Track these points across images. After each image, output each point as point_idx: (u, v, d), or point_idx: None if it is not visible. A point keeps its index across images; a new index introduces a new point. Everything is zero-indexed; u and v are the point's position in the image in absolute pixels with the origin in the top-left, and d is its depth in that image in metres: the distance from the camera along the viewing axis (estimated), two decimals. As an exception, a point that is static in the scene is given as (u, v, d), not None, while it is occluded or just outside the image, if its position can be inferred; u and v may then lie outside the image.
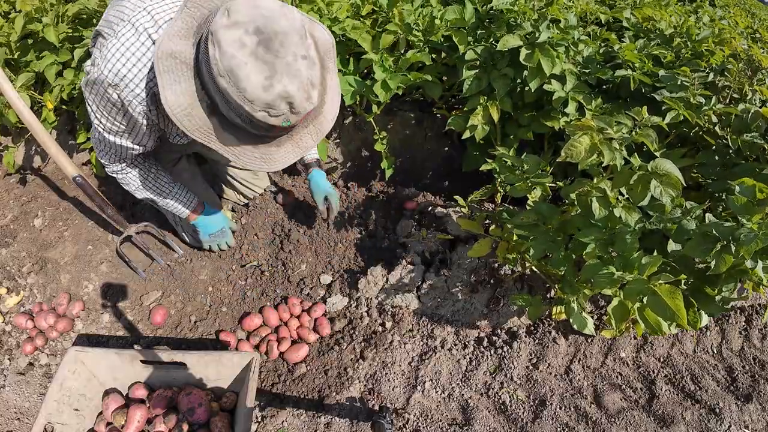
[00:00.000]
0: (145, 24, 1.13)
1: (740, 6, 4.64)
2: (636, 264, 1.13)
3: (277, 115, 0.98)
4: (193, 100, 1.03)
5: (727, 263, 1.07)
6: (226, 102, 1.01)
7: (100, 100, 1.20)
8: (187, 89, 1.03)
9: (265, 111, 0.97)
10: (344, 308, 1.87)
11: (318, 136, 1.16)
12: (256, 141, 1.09)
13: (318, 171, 1.88)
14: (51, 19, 1.85)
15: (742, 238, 1.05)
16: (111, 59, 1.12)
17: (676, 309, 1.03)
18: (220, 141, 1.07)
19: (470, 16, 1.92)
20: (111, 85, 1.15)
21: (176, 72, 1.03)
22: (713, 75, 1.83)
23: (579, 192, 1.43)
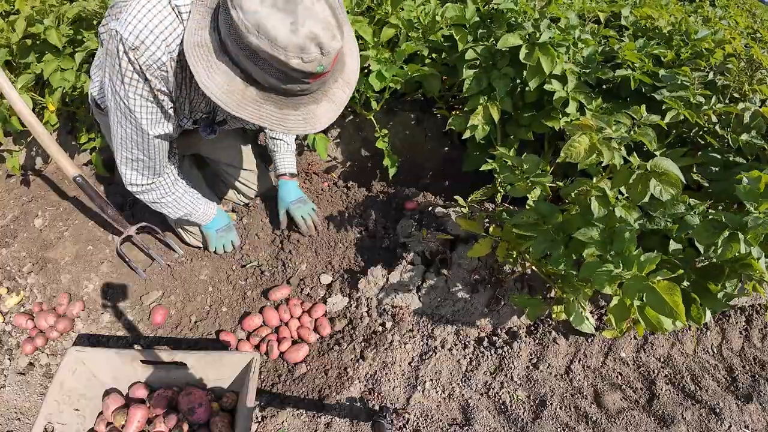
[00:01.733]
0: None
1: (740, 6, 4.64)
2: (635, 261, 1.13)
3: (309, 60, 1.00)
4: (228, 77, 1.07)
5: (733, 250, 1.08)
6: (259, 62, 1.03)
7: (120, 72, 1.19)
8: (219, 69, 1.07)
9: (299, 57, 0.99)
10: (344, 308, 1.87)
11: (348, 89, 1.19)
12: (295, 104, 1.12)
13: (285, 182, 1.93)
14: (52, 21, 1.85)
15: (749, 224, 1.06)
16: (132, 21, 1.12)
17: (674, 305, 1.03)
18: (262, 113, 1.10)
19: (471, 15, 1.92)
20: (131, 49, 1.14)
21: (206, 58, 1.07)
22: (713, 74, 1.83)
23: (578, 191, 1.43)
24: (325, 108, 1.16)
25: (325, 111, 1.17)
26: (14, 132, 2.02)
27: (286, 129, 1.13)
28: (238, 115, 1.10)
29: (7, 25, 1.84)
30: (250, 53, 1.02)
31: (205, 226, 1.88)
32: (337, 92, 1.18)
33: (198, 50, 1.07)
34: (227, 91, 1.07)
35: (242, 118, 1.14)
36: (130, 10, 1.12)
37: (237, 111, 1.08)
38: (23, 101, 1.71)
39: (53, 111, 1.94)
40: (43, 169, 2.32)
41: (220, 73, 1.07)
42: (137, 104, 1.27)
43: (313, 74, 1.05)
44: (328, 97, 1.16)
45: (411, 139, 2.46)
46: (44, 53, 1.92)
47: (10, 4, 2.02)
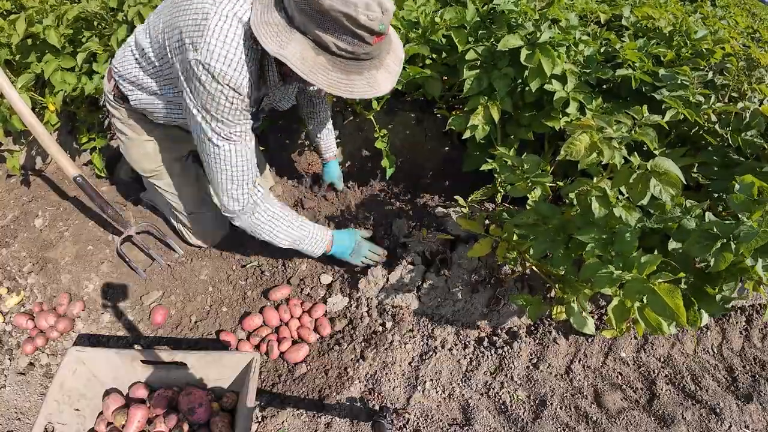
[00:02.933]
0: (228, 8, 1.24)
1: (740, 6, 4.64)
2: (635, 263, 1.13)
3: (373, 17, 1.12)
4: (301, 46, 1.17)
5: (726, 261, 1.07)
6: (329, 25, 1.13)
7: (213, 100, 1.30)
8: (291, 40, 1.17)
9: (365, 14, 1.11)
10: (344, 308, 1.87)
11: (399, 62, 1.34)
12: (359, 69, 1.22)
13: (333, 161, 2.17)
14: (52, 21, 1.85)
15: (742, 236, 1.05)
16: (215, 50, 1.23)
17: (675, 308, 1.03)
18: (331, 79, 1.20)
19: (472, 16, 1.92)
20: (220, 75, 1.25)
21: (276, 34, 1.18)
22: (712, 74, 1.83)
23: (579, 191, 1.43)
24: (384, 75, 1.28)
25: (384, 78, 1.28)
26: (14, 132, 2.02)
27: (352, 93, 1.23)
28: (309, 80, 1.18)
29: (8, 25, 1.84)
30: (321, 17, 1.12)
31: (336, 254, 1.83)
32: (391, 63, 1.30)
33: (267, 28, 1.18)
34: (300, 58, 1.17)
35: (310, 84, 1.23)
36: (207, 38, 1.23)
37: (309, 77, 1.18)
38: (23, 101, 1.71)
39: (53, 111, 1.94)
40: (44, 169, 2.32)
41: (293, 43, 1.17)
42: (235, 119, 1.36)
43: (375, 32, 1.15)
44: (385, 66, 1.28)
45: (411, 139, 2.46)
46: (45, 53, 1.92)
47: (12, 1, 2.02)
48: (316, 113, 1.99)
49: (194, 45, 1.26)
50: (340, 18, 1.11)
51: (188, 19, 1.28)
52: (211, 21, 1.23)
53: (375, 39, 1.18)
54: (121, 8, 1.98)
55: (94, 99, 2.10)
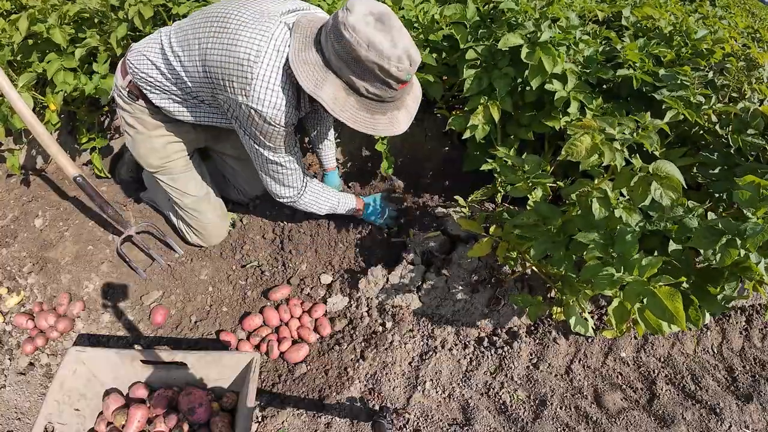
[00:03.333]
0: (272, 55, 1.36)
1: (740, 6, 4.64)
2: (636, 265, 1.13)
3: (402, 69, 1.27)
4: (334, 87, 1.32)
5: (732, 256, 1.08)
6: (363, 72, 1.28)
7: (267, 134, 1.48)
8: (327, 82, 1.32)
9: (396, 66, 1.26)
10: (344, 308, 1.87)
11: (417, 102, 1.49)
12: (383, 110, 1.38)
13: (332, 172, 2.22)
14: (55, 20, 1.85)
15: (748, 231, 1.06)
16: (265, 99, 1.38)
17: (674, 311, 1.03)
18: (357, 117, 1.36)
19: (472, 15, 1.91)
20: (271, 118, 1.41)
21: (314, 73, 1.32)
22: (712, 74, 1.83)
23: (580, 192, 1.43)
24: (403, 114, 1.44)
25: (404, 116, 1.44)
26: (15, 131, 2.02)
27: (375, 131, 1.39)
28: (339, 118, 1.34)
29: (9, 25, 1.84)
30: (356, 65, 1.26)
31: (366, 217, 2.03)
32: (410, 103, 1.47)
33: (305, 67, 1.31)
34: (333, 98, 1.32)
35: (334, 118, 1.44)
36: (256, 87, 1.37)
37: (340, 115, 1.33)
38: (23, 101, 1.70)
39: (54, 110, 1.94)
40: (44, 169, 2.31)
41: (328, 84, 1.31)
42: (281, 141, 1.53)
43: (401, 81, 1.30)
44: (405, 106, 1.44)
45: (411, 139, 2.46)
46: (46, 52, 1.91)
47: (12, 1, 2.02)
48: (320, 123, 2.01)
49: (244, 92, 1.39)
50: (374, 68, 1.26)
51: (233, 63, 1.37)
52: (256, 70, 1.35)
53: (401, 86, 1.34)
54: (122, 6, 1.98)
55: (94, 99, 2.10)
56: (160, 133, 1.73)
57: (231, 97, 1.43)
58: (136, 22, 1.90)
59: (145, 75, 1.56)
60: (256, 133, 1.50)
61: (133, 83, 1.61)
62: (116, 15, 1.98)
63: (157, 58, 1.53)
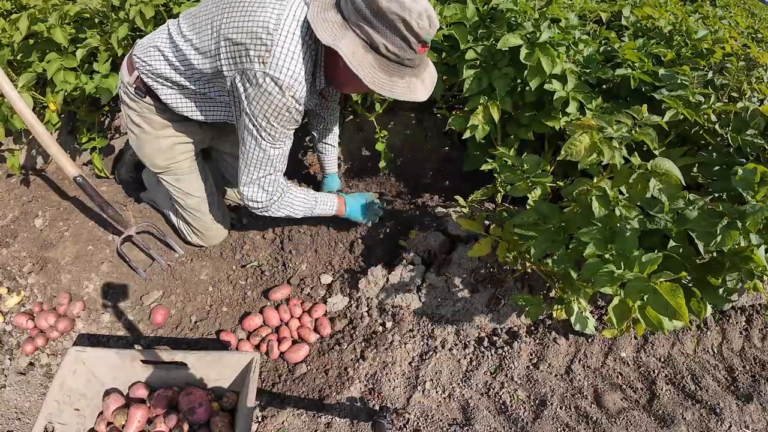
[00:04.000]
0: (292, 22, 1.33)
1: (741, 6, 4.64)
2: (636, 262, 1.13)
3: (422, 27, 1.25)
4: (353, 43, 1.29)
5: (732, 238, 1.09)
6: (382, 27, 1.25)
7: (275, 111, 1.39)
8: (346, 36, 1.28)
9: (417, 21, 1.23)
10: (345, 308, 1.87)
11: (433, 79, 1.47)
12: (401, 73, 1.34)
13: (333, 175, 2.19)
14: (56, 20, 1.85)
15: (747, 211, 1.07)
16: (285, 65, 1.32)
17: (677, 307, 1.03)
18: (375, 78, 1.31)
19: (472, 15, 1.92)
20: (288, 88, 1.34)
21: (333, 29, 1.28)
22: (712, 73, 1.83)
23: (579, 191, 1.43)
24: (421, 84, 1.42)
25: (421, 87, 1.42)
26: (15, 131, 2.02)
27: (393, 93, 1.34)
28: (358, 74, 1.28)
29: (9, 25, 1.84)
30: (376, 18, 1.24)
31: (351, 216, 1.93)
32: (427, 78, 1.45)
33: (324, 24, 1.28)
34: (352, 52, 1.28)
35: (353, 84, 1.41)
36: (277, 54, 1.32)
37: (358, 70, 1.28)
38: (24, 101, 1.70)
39: (54, 110, 1.94)
40: (44, 169, 2.32)
41: (347, 39, 1.28)
42: (287, 125, 1.45)
43: (421, 40, 1.28)
44: (422, 79, 1.42)
45: (411, 139, 2.46)
46: (46, 52, 1.91)
47: (13, 2, 2.02)
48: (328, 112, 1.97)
49: (262, 59, 1.33)
50: (395, 20, 1.23)
51: (251, 32, 1.33)
52: (277, 37, 1.32)
53: (420, 47, 1.30)
54: (123, 6, 1.98)
55: (95, 99, 2.10)
56: (167, 134, 1.71)
57: (247, 69, 1.35)
58: (137, 22, 1.90)
59: (152, 68, 1.53)
60: (264, 111, 1.40)
61: (140, 79, 1.58)
62: (117, 15, 1.98)
63: (166, 47, 1.50)
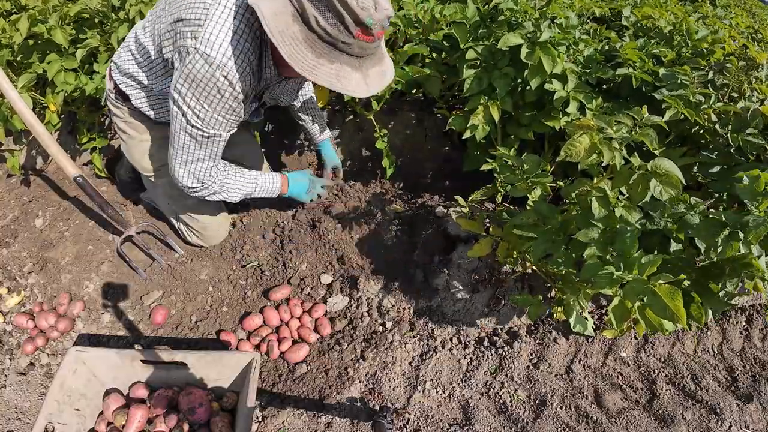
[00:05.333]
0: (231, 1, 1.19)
1: (741, 6, 4.64)
2: (636, 264, 1.13)
3: (364, 6, 1.04)
4: (280, 5, 1.10)
5: (734, 249, 1.09)
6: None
7: (204, 89, 1.24)
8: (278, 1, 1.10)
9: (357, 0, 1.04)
10: (345, 308, 1.87)
11: (384, 78, 1.24)
12: (331, 57, 1.13)
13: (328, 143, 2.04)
14: (56, 21, 1.85)
15: (750, 223, 1.07)
16: (215, 41, 1.18)
17: (675, 309, 1.03)
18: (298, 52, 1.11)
19: (472, 14, 1.92)
20: (219, 67, 1.20)
21: None
22: (712, 73, 1.83)
23: (579, 192, 1.43)
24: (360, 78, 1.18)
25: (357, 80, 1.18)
26: (15, 131, 2.02)
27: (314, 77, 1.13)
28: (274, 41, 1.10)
29: (9, 25, 1.84)
30: None
31: (293, 196, 1.85)
32: (374, 76, 1.21)
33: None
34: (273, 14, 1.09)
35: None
36: (209, 28, 1.19)
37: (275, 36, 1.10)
38: (24, 101, 1.70)
39: (54, 111, 1.94)
40: (44, 169, 2.32)
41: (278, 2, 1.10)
42: (220, 111, 1.31)
43: (361, 23, 1.07)
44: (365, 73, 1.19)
45: (411, 139, 2.46)
46: (47, 53, 1.91)
47: (13, 2, 2.02)
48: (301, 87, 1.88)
49: (194, 33, 1.22)
50: None
51: (189, 8, 1.25)
52: (212, 10, 1.20)
53: (359, 32, 1.10)
54: (123, 6, 1.98)
55: (95, 99, 2.10)
56: (150, 137, 1.73)
57: (181, 45, 1.24)
58: (137, 22, 1.90)
59: (123, 69, 1.53)
60: (193, 90, 1.26)
61: (116, 84, 1.60)
62: (117, 15, 1.98)
63: (133, 45, 1.49)
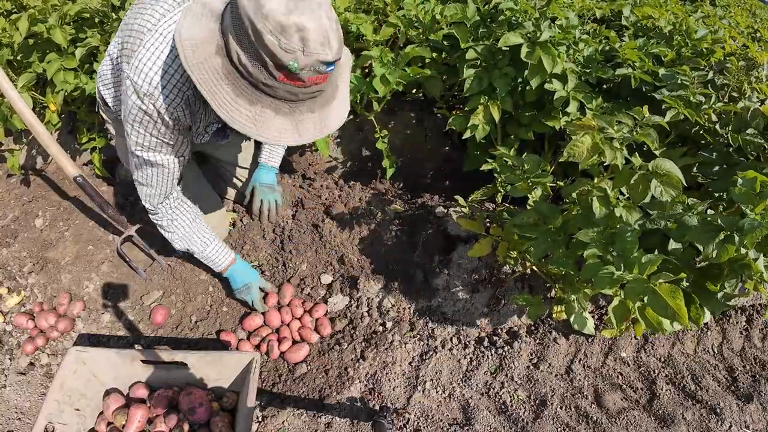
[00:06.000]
0: (168, 26, 1.14)
1: (741, 6, 4.63)
2: (636, 263, 1.13)
3: (288, 48, 0.90)
4: (207, 36, 0.99)
5: (729, 252, 1.08)
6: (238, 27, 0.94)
7: (135, 115, 1.20)
8: (204, 26, 1.00)
9: (276, 36, 0.90)
10: (345, 308, 1.87)
11: (320, 129, 1.08)
12: (252, 98, 1.00)
13: (266, 165, 1.92)
14: (56, 20, 1.85)
15: (746, 227, 1.06)
16: (143, 69, 1.13)
17: (677, 308, 1.03)
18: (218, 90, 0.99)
19: (472, 14, 1.92)
20: (146, 95, 1.15)
21: (201, 15, 1.01)
22: (713, 73, 1.83)
23: (579, 191, 1.43)
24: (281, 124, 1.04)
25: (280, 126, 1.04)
26: (15, 131, 2.02)
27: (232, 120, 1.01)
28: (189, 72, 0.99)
29: (9, 25, 1.84)
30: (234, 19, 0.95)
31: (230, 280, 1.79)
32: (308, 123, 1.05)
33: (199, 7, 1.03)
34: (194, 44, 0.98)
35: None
36: (140, 56, 1.14)
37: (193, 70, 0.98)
38: (24, 101, 1.70)
39: (54, 111, 1.94)
40: (44, 169, 2.31)
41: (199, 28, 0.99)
42: (151, 140, 1.27)
43: (283, 67, 0.93)
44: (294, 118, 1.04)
45: (411, 139, 2.46)
46: (46, 52, 1.91)
47: (13, 2, 2.01)
48: None
49: (128, 58, 1.18)
50: (246, 26, 0.93)
51: (131, 32, 1.22)
52: (147, 37, 1.15)
53: (282, 76, 0.95)
54: (123, 6, 1.98)
55: (95, 99, 2.10)
56: None
57: (123, 67, 1.21)
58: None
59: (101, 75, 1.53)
60: (126, 113, 1.22)
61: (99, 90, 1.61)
62: (117, 15, 1.98)
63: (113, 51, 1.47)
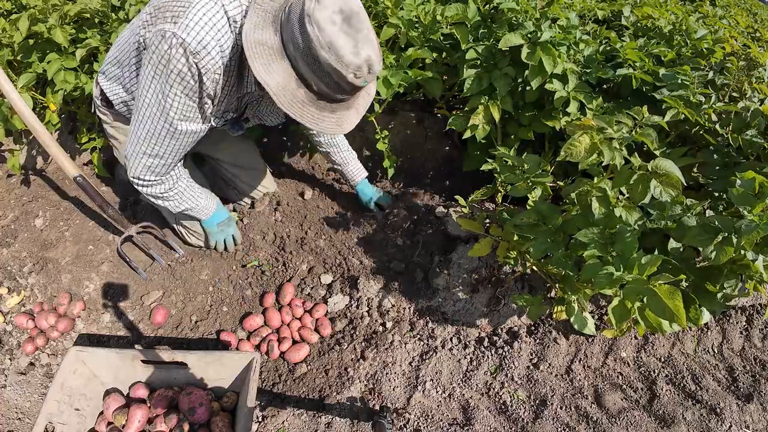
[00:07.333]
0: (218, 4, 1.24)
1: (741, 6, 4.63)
2: (636, 264, 1.13)
3: (360, 77, 1.21)
4: (286, 76, 1.22)
5: (727, 254, 1.08)
6: (319, 71, 1.19)
7: (176, 76, 1.27)
8: (279, 69, 1.21)
9: (354, 74, 1.19)
10: (345, 308, 1.87)
11: (369, 100, 1.44)
12: (332, 109, 1.30)
13: (365, 182, 2.16)
14: (56, 20, 1.85)
15: (743, 228, 1.06)
16: (194, 27, 1.21)
17: (675, 310, 1.03)
18: (305, 112, 1.26)
19: (473, 14, 1.92)
20: (192, 53, 1.23)
21: (267, 56, 1.20)
22: (713, 73, 1.83)
23: (579, 192, 1.43)
24: (353, 114, 1.38)
25: (353, 116, 1.38)
26: (15, 131, 2.02)
27: (320, 127, 1.30)
28: (286, 111, 1.23)
29: (9, 25, 1.84)
30: (313, 62, 1.18)
31: (204, 222, 1.87)
32: (361, 103, 1.40)
33: (259, 48, 1.20)
34: (282, 88, 1.22)
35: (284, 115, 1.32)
36: (191, 15, 1.22)
37: (286, 107, 1.23)
38: (24, 101, 1.70)
39: (54, 111, 1.94)
40: (44, 169, 2.32)
41: (279, 72, 1.21)
42: (181, 103, 1.34)
43: (358, 88, 1.25)
44: (355, 107, 1.38)
45: (411, 139, 2.46)
46: (47, 52, 1.91)
47: (13, 2, 2.02)
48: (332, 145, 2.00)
49: (174, 18, 1.22)
50: (330, 72, 1.18)
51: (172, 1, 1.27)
52: (196, 2, 1.22)
53: (356, 91, 1.29)
54: (123, 6, 1.98)
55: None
56: None
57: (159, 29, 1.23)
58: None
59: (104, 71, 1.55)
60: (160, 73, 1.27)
61: (101, 89, 1.62)
62: (117, 15, 1.98)
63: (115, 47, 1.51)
